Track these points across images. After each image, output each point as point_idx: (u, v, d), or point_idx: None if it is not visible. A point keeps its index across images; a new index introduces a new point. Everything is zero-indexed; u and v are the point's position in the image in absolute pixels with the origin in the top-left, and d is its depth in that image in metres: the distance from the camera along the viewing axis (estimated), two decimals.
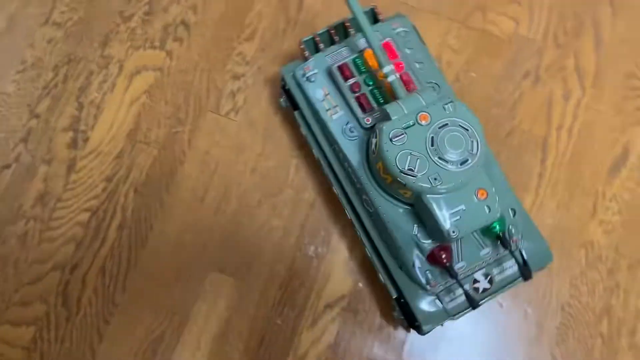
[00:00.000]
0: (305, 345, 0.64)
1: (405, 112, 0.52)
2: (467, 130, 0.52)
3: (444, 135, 0.51)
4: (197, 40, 0.72)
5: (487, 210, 0.52)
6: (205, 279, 0.65)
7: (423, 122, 0.52)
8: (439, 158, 0.51)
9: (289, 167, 0.68)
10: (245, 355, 0.64)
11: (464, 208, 0.51)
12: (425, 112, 0.52)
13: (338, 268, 0.66)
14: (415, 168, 0.51)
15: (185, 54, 0.72)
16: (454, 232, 0.51)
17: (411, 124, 0.52)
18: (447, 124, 0.52)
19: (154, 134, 0.69)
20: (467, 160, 0.51)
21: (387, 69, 0.55)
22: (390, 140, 0.51)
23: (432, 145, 0.51)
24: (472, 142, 0.52)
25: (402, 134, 0.51)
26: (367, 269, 0.66)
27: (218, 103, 0.70)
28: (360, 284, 0.66)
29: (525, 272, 0.55)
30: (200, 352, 0.64)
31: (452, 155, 0.51)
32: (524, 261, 0.56)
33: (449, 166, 0.51)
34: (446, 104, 0.52)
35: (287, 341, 0.64)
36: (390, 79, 0.55)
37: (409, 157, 0.51)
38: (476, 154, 0.51)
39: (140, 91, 0.70)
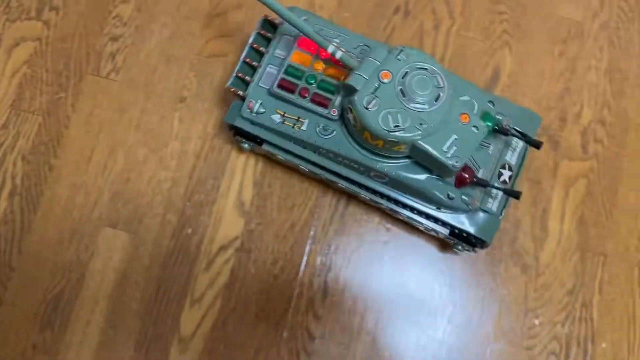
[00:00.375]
0: (201, 288, 0.66)
1: (367, 77, 0.54)
2: (427, 69, 0.54)
3: (409, 82, 0.54)
4: (73, 7, 0.73)
5: (475, 130, 0.55)
6: (98, 235, 0.67)
7: (386, 80, 0.54)
8: (415, 104, 0.53)
9: (172, 120, 0.70)
10: (142, 304, 0.65)
11: (456, 137, 0.54)
12: (384, 70, 0.54)
13: (229, 211, 0.68)
14: (399, 123, 0.53)
15: (62, 22, 0.73)
16: (456, 162, 0.54)
17: (377, 86, 0.54)
18: (407, 72, 0.54)
19: (38, 102, 0.70)
20: (439, 95, 0.54)
21: (331, 48, 0.56)
22: (366, 108, 0.53)
23: (404, 96, 0.53)
24: (436, 77, 0.54)
25: (374, 98, 0.53)
26: (258, 210, 0.68)
27: (98, 66, 0.71)
28: (252, 224, 0.68)
29: (531, 141, 0.59)
30: (99, 306, 0.65)
31: (424, 97, 0.53)
32: (523, 134, 0.59)
33: (427, 107, 0.53)
34: (398, 54, 0.55)
35: (183, 286, 0.66)
36: (338, 55, 0.56)
37: (389, 116, 0.53)
38: (444, 86, 0.54)
39: (21, 62, 0.71)
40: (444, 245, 0.67)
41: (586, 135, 0.71)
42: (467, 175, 0.58)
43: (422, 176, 0.59)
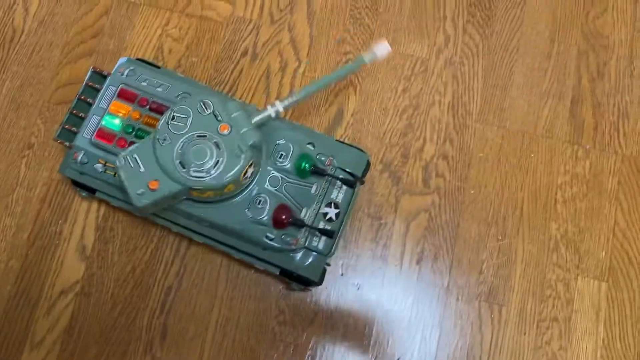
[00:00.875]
0: (42, 333, 0.67)
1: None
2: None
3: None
4: None
5: (141, 200, 0.55)
6: None
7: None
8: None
9: (19, 166, 0.72)
10: None
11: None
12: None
13: (70, 256, 0.69)
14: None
15: None
16: (120, 162, 0.55)
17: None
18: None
19: None
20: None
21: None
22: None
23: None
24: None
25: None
26: (99, 254, 0.69)
27: None
28: (94, 268, 0.69)
29: (351, 183, 0.61)
30: None
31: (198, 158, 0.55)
32: (350, 174, 0.61)
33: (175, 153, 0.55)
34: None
35: (23, 331, 0.67)
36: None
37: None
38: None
39: None
40: (283, 282, 0.69)
41: (428, 170, 0.73)
42: (284, 217, 0.59)
43: (237, 219, 0.60)
